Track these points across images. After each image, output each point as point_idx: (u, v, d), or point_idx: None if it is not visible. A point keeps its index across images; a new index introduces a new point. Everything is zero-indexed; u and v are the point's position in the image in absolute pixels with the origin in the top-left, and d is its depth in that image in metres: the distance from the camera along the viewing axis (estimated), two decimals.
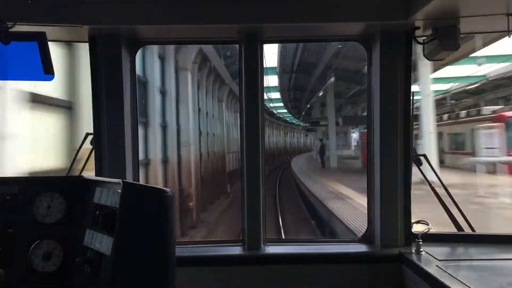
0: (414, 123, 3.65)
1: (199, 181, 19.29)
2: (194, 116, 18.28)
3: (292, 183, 30.97)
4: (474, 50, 20.29)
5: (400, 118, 3.25)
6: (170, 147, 15.78)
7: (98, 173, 3.25)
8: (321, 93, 38.50)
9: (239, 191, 3.47)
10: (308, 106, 52.06)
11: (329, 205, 15.88)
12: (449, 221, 3.33)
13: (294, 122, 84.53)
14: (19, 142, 6.44)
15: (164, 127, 15.41)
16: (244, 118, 3.35)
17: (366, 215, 3.51)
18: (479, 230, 3.34)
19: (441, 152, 31.03)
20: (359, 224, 11.81)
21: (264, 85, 3.43)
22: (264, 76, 3.49)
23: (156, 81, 14.49)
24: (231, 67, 26.55)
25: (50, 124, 7.86)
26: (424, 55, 3.15)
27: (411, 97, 3.25)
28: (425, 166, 3.35)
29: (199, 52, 18.71)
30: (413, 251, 3.06)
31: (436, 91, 32.27)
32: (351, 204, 15.71)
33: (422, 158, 3.33)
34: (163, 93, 15.33)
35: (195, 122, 18.99)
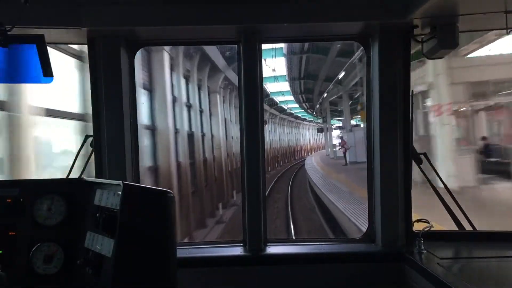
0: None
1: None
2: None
3: None
4: None
5: (399, 117, 3.25)
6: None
7: (98, 175, 3.25)
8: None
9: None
10: (325, 95, 40.88)
11: None
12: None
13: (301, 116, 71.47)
14: None
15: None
16: (243, 118, 3.35)
17: None
18: None
19: None
20: None
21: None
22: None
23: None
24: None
25: None
26: (423, 54, 3.15)
27: (411, 96, 3.25)
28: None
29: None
30: (414, 249, 3.06)
31: None
32: None
33: (422, 156, 3.33)
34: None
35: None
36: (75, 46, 7.30)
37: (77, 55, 7.50)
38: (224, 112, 23.80)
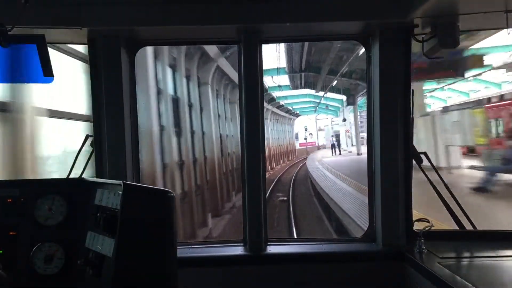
0: None
1: None
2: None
3: None
4: None
5: (400, 117, 3.25)
6: None
7: (98, 175, 3.25)
8: None
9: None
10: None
11: None
12: None
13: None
14: None
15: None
16: (244, 118, 3.35)
17: None
18: None
19: None
20: None
21: None
22: None
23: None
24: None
25: None
26: (423, 53, 3.15)
27: (411, 95, 3.25)
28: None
29: None
30: (415, 249, 3.06)
31: None
32: None
33: (422, 156, 3.32)
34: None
35: None
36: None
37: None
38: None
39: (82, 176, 3.11)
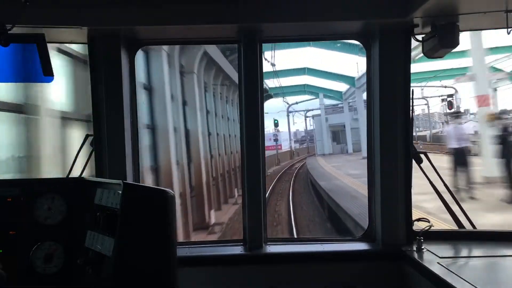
0: None
1: None
2: None
3: None
4: None
5: (400, 116, 3.25)
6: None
7: (98, 174, 3.25)
8: None
9: None
10: None
11: None
12: None
13: None
14: None
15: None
16: (244, 117, 3.36)
17: None
18: None
19: None
20: None
21: None
22: None
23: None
24: None
25: None
26: (423, 53, 3.15)
27: (411, 95, 3.25)
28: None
29: None
30: (415, 248, 3.06)
31: None
32: None
33: (422, 155, 3.32)
34: None
35: None
36: None
37: None
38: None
39: (82, 176, 3.11)
